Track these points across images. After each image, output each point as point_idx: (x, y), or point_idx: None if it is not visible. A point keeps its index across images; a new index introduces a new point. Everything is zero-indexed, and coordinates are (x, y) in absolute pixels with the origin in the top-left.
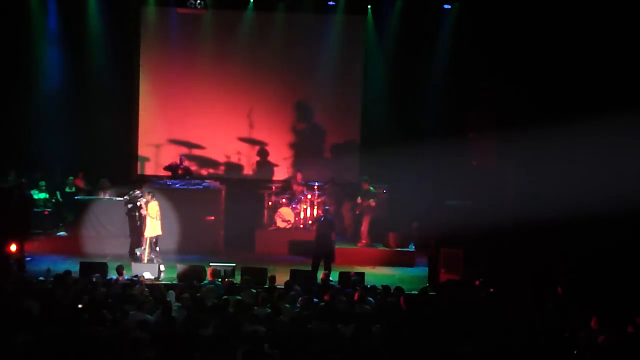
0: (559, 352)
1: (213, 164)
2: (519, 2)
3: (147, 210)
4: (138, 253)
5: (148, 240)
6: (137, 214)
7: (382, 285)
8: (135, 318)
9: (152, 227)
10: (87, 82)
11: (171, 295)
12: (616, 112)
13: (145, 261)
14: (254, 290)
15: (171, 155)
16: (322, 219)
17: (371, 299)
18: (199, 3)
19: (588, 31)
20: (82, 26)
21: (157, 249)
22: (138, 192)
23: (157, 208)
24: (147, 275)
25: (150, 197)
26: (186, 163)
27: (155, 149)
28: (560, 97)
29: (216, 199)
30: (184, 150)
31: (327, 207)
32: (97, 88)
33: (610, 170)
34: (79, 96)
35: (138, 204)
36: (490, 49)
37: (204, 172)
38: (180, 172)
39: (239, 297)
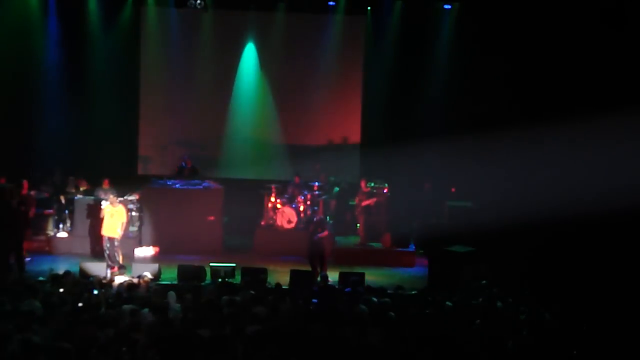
0: (558, 352)
1: (213, 163)
2: (518, 2)
3: (104, 211)
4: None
5: (104, 239)
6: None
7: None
8: (134, 318)
9: (108, 228)
10: (88, 82)
11: (171, 296)
12: (619, 111)
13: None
14: (253, 292)
15: (172, 155)
16: (312, 220)
17: (373, 298)
18: (199, 3)
19: (588, 31)
20: (83, 26)
21: (107, 249)
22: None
23: (123, 212)
24: (147, 275)
25: (114, 200)
26: (189, 163)
27: (156, 149)
28: (559, 96)
29: (216, 199)
30: (185, 150)
31: (315, 208)
32: (97, 88)
33: (612, 168)
34: (79, 96)
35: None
36: (490, 49)
37: (204, 172)
38: (186, 172)
39: (237, 298)
